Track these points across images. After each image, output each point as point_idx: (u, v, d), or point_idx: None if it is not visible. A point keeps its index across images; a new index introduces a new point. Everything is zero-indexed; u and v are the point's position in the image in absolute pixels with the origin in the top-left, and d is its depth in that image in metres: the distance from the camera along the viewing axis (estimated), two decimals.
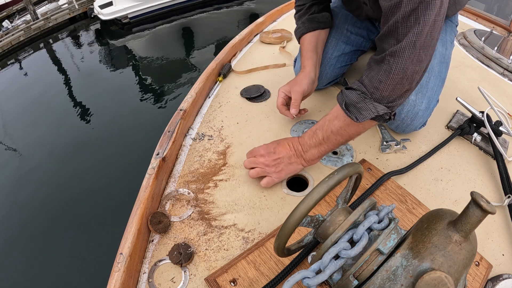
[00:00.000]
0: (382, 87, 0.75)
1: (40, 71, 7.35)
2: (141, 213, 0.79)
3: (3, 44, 8.21)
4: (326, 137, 0.86)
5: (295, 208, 0.54)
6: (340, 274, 0.55)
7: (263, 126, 1.17)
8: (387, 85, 0.75)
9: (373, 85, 0.76)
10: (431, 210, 0.58)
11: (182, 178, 0.98)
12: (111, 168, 4.09)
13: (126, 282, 0.69)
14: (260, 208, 0.90)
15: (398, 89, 0.75)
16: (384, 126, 1.15)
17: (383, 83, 0.75)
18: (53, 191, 3.93)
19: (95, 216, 3.49)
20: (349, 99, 0.80)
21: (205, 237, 0.83)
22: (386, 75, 0.74)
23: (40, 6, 9.97)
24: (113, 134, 4.76)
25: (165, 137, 1.02)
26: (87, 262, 3.03)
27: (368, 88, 0.77)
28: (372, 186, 0.88)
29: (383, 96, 0.77)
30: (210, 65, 1.39)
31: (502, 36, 1.74)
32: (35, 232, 3.47)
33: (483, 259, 0.76)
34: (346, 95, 0.81)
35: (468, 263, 0.51)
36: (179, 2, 8.96)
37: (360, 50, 1.26)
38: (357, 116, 0.79)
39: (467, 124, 1.11)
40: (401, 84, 0.74)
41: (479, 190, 0.96)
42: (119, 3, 8.32)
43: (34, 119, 5.37)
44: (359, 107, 0.78)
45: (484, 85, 1.44)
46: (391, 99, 0.77)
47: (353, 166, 0.59)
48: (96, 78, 6.56)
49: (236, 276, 0.71)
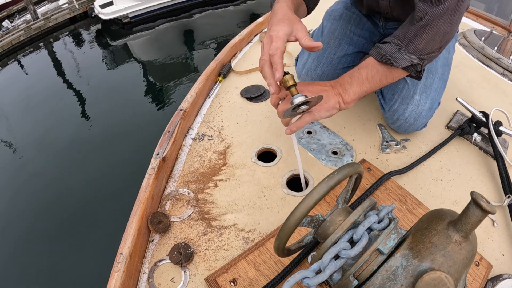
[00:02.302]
0: (417, 40, 0.82)
1: (40, 70, 7.36)
2: (141, 213, 0.79)
3: (3, 44, 8.22)
4: (371, 77, 0.86)
5: (295, 208, 0.54)
6: (340, 274, 0.55)
7: (263, 126, 1.17)
8: (422, 39, 0.82)
9: (408, 38, 0.83)
10: (431, 210, 0.58)
11: (182, 178, 0.98)
12: (111, 168, 4.09)
13: (126, 282, 0.69)
14: (260, 208, 0.90)
15: (431, 45, 0.83)
16: (384, 126, 1.15)
17: (417, 37, 0.82)
18: (53, 191, 3.93)
19: (95, 216, 3.49)
20: (384, 50, 0.84)
21: (205, 237, 0.83)
22: (423, 30, 0.81)
23: (40, 6, 9.98)
24: (113, 133, 4.76)
25: (165, 137, 1.02)
26: (87, 262, 3.04)
27: (402, 40, 0.84)
28: (372, 186, 0.88)
29: (417, 49, 0.83)
30: (210, 65, 1.39)
31: (502, 36, 1.74)
32: (35, 232, 3.47)
33: (483, 259, 0.76)
34: (381, 47, 0.85)
35: (468, 263, 0.51)
36: (179, 2, 8.97)
37: (362, 52, 1.26)
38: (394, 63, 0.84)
39: (467, 124, 1.11)
40: (434, 40, 0.82)
41: (479, 190, 0.96)
42: (119, 3, 8.32)
43: (34, 118, 5.37)
44: (394, 56, 0.83)
45: (484, 85, 1.44)
46: (425, 53, 0.84)
47: (353, 166, 0.59)
48: (96, 78, 6.56)
49: (236, 276, 0.71)
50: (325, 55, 1.20)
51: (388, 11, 1.10)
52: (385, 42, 0.86)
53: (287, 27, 0.75)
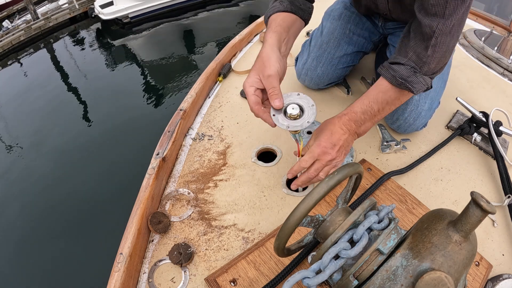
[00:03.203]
0: (430, 60, 0.82)
1: (40, 70, 7.36)
2: (141, 213, 0.79)
3: (4, 44, 8.22)
4: (382, 108, 0.87)
5: (295, 208, 0.54)
6: (340, 274, 0.55)
7: (263, 126, 1.17)
8: (434, 59, 0.82)
9: (422, 60, 0.82)
10: (431, 210, 0.58)
11: (182, 178, 0.98)
12: (111, 168, 4.09)
13: (126, 282, 0.69)
14: (260, 208, 0.90)
15: (441, 62, 0.84)
16: (384, 126, 1.15)
17: (430, 57, 0.81)
18: (52, 191, 3.94)
19: (95, 216, 3.49)
20: (400, 74, 0.83)
21: (205, 237, 0.83)
22: (433, 49, 0.80)
23: (40, 6, 9.97)
24: (113, 133, 4.76)
25: (165, 137, 1.02)
26: (87, 262, 3.04)
27: (417, 63, 0.83)
28: (372, 186, 0.88)
29: (430, 69, 0.84)
30: (210, 65, 1.39)
31: (502, 36, 1.74)
32: (35, 232, 3.47)
33: (483, 259, 0.76)
34: (395, 70, 0.84)
35: (468, 263, 0.51)
36: (179, 2, 8.97)
37: (362, 52, 1.26)
38: (411, 89, 0.84)
39: (467, 124, 1.11)
40: (444, 57, 0.83)
41: (479, 190, 0.96)
42: (119, 3, 8.33)
43: (34, 118, 5.37)
44: (410, 80, 0.83)
45: (484, 85, 1.44)
46: (436, 71, 0.85)
47: (353, 166, 0.59)
48: (97, 78, 6.56)
49: (236, 276, 0.71)
50: (325, 55, 1.20)
51: (387, 13, 1.10)
52: (399, 63, 0.84)
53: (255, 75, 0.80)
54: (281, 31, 0.87)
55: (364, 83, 1.36)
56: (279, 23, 0.89)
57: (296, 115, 0.75)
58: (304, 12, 0.96)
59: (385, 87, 0.86)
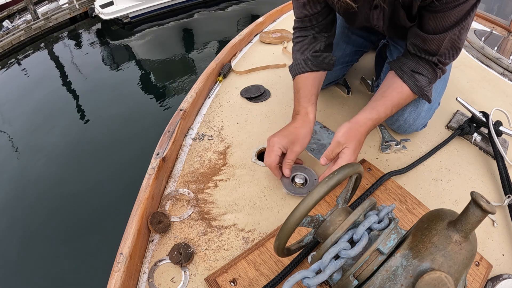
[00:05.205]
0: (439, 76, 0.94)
1: (40, 70, 7.36)
2: (141, 213, 0.79)
3: (4, 44, 8.22)
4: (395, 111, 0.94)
5: (295, 208, 0.54)
6: (340, 274, 0.55)
7: (263, 126, 1.17)
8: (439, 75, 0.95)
9: (435, 79, 0.93)
10: (431, 210, 0.58)
11: (182, 178, 0.98)
12: (111, 168, 4.09)
13: (126, 282, 0.69)
14: (260, 208, 0.90)
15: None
16: (384, 126, 1.15)
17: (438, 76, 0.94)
18: (52, 191, 3.94)
19: (95, 216, 3.49)
20: (421, 83, 0.91)
21: (205, 237, 0.83)
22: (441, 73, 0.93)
23: (40, 6, 9.98)
24: (113, 134, 4.76)
25: (165, 137, 1.02)
26: (87, 262, 3.04)
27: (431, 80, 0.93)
28: (372, 186, 0.88)
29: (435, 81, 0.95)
30: (210, 65, 1.39)
31: (502, 36, 1.74)
32: (35, 232, 3.47)
33: (483, 259, 0.76)
34: (417, 79, 0.91)
35: (468, 263, 0.51)
36: (179, 2, 8.97)
37: (361, 50, 1.26)
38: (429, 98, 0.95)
39: (467, 124, 1.11)
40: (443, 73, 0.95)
41: (479, 190, 0.96)
42: (120, 3, 8.33)
43: (34, 118, 5.37)
44: (426, 89, 0.92)
45: (484, 85, 1.44)
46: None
47: (353, 166, 0.59)
48: (97, 77, 6.56)
49: (236, 276, 0.71)
50: None
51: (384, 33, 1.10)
52: (420, 73, 0.91)
53: (285, 141, 0.89)
54: (315, 100, 0.97)
55: (364, 83, 1.36)
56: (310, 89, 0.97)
57: (301, 184, 0.93)
58: (328, 66, 1.02)
59: (407, 94, 0.93)
